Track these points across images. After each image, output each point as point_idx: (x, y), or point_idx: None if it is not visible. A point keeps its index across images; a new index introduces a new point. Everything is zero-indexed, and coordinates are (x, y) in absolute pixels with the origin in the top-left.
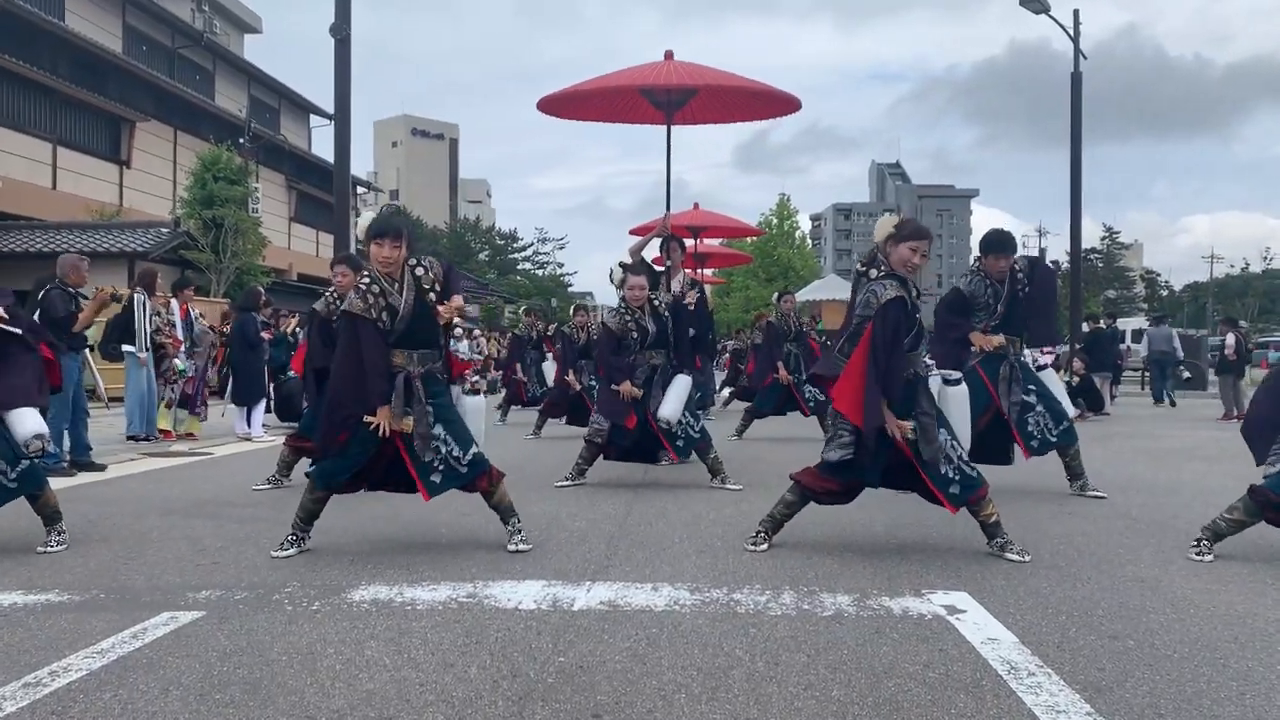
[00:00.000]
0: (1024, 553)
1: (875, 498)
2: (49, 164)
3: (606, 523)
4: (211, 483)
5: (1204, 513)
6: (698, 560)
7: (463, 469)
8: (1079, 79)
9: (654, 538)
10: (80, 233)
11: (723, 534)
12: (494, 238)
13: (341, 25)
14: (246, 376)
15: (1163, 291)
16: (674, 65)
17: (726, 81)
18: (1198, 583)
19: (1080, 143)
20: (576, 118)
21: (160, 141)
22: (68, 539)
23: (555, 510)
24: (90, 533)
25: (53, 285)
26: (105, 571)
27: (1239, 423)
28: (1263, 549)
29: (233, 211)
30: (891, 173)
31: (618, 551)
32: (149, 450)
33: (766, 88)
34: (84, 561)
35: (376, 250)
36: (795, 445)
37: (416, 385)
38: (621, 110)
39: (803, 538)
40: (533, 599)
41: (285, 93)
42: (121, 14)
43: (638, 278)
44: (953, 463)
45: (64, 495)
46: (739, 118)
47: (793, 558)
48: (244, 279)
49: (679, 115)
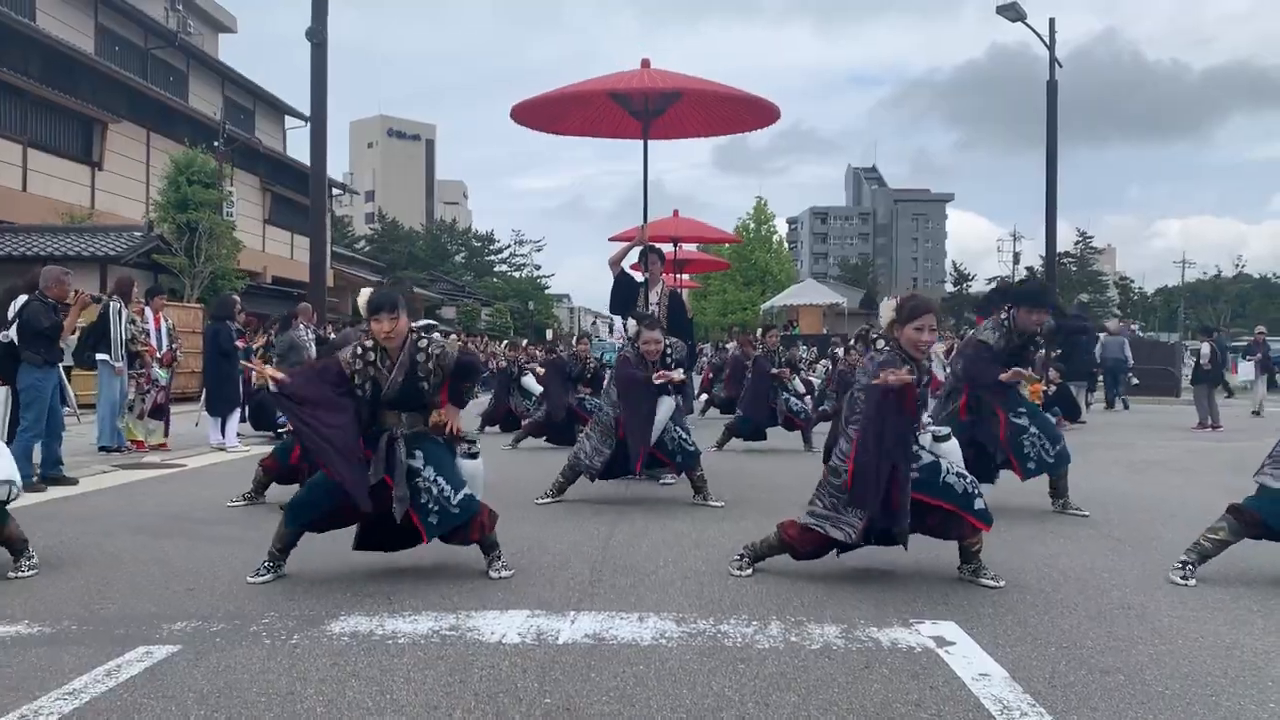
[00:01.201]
0: (997, 578)
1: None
2: (19, 166)
3: (589, 544)
4: (185, 497)
5: (1185, 532)
6: (683, 586)
7: (454, 509)
8: (1054, 87)
9: (637, 561)
10: (51, 236)
11: (706, 556)
12: (470, 240)
13: (318, 30)
14: (220, 386)
15: (1134, 296)
16: (650, 72)
17: (704, 87)
18: (1184, 610)
19: (1055, 150)
20: (552, 130)
21: (133, 143)
22: (38, 563)
23: (537, 532)
24: (62, 555)
25: (33, 297)
26: (77, 599)
27: (1213, 431)
28: (1245, 573)
29: (207, 215)
30: (868, 177)
31: (601, 578)
32: (121, 462)
33: (744, 94)
34: (55, 588)
35: (376, 326)
36: (776, 458)
37: (398, 447)
38: (598, 122)
39: (786, 561)
40: (517, 631)
41: (260, 94)
42: (94, 13)
43: (653, 333)
44: (967, 478)
45: (35, 513)
46: (718, 130)
47: (778, 584)
48: (218, 284)
49: (656, 127)
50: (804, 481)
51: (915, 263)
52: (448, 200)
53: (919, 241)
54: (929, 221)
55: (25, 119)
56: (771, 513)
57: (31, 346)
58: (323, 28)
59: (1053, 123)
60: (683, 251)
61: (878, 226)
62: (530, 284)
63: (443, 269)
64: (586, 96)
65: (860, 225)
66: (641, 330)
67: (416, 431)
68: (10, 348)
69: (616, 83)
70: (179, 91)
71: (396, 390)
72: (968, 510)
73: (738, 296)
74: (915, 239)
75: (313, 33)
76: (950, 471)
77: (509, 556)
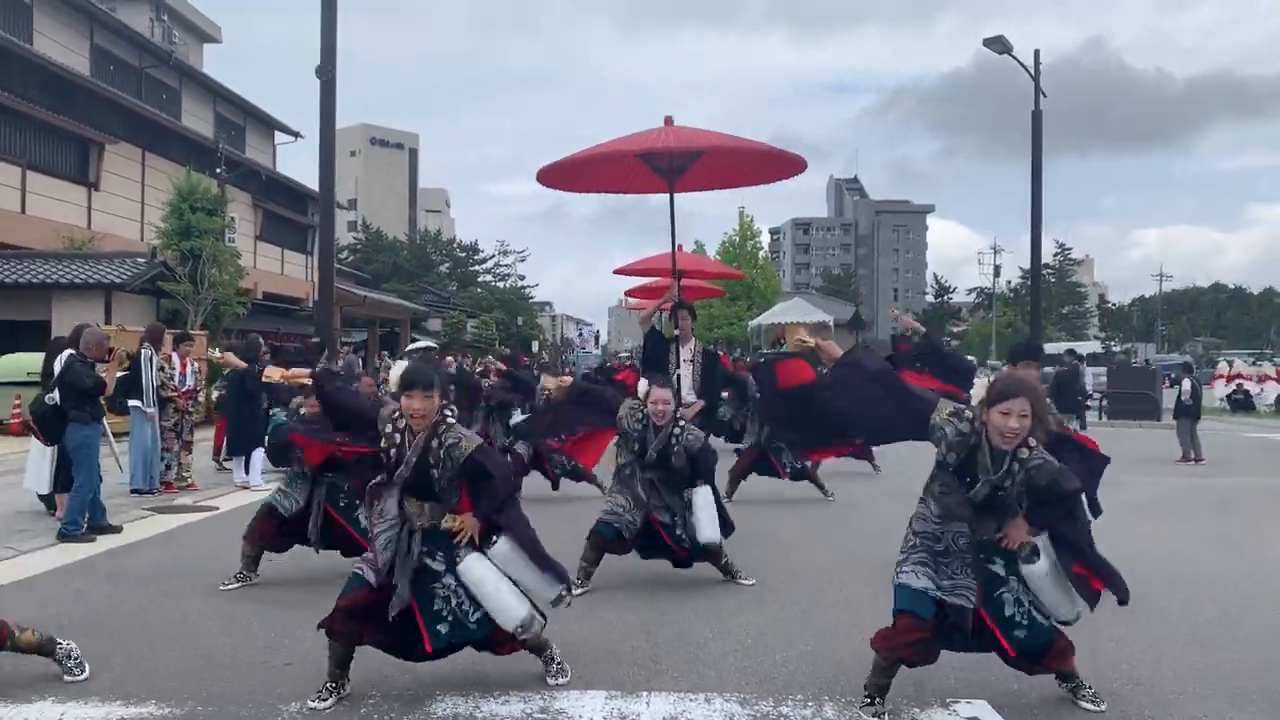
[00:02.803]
0: (1098, 699)
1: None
2: (18, 188)
3: (633, 615)
4: (232, 549)
5: (1184, 592)
6: (736, 662)
7: (471, 625)
8: (1039, 117)
9: (685, 630)
10: (56, 262)
11: (746, 624)
12: (455, 250)
13: (327, 67)
14: (243, 425)
15: (1110, 306)
16: (674, 130)
17: (728, 144)
18: (1193, 686)
19: (1040, 178)
20: (578, 189)
21: (129, 163)
22: (81, 660)
23: (578, 603)
24: (148, 621)
25: (73, 357)
26: (188, 674)
27: (1196, 465)
28: (1235, 640)
29: (211, 243)
30: (849, 188)
31: (659, 653)
32: (155, 505)
33: (769, 149)
34: (159, 661)
35: (407, 403)
36: (794, 509)
37: (413, 542)
38: (623, 180)
39: (831, 640)
40: (600, 714)
41: (251, 110)
42: (89, 34)
43: (663, 391)
44: (1023, 606)
45: (98, 570)
46: (743, 182)
47: (826, 664)
48: (221, 309)
49: (681, 182)
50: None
51: (896, 273)
52: (430, 208)
53: (900, 252)
54: (910, 233)
55: (25, 142)
56: (801, 579)
57: (78, 405)
58: (331, 65)
59: (1038, 149)
60: (684, 281)
61: (859, 237)
62: (515, 294)
63: (427, 279)
64: (612, 157)
65: (842, 236)
66: (652, 388)
67: (438, 527)
68: (57, 408)
69: (641, 143)
70: (172, 110)
71: (409, 472)
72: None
73: (724, 312)
74: (896, 249)
75: (322, 70)
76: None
77: (561, 628)
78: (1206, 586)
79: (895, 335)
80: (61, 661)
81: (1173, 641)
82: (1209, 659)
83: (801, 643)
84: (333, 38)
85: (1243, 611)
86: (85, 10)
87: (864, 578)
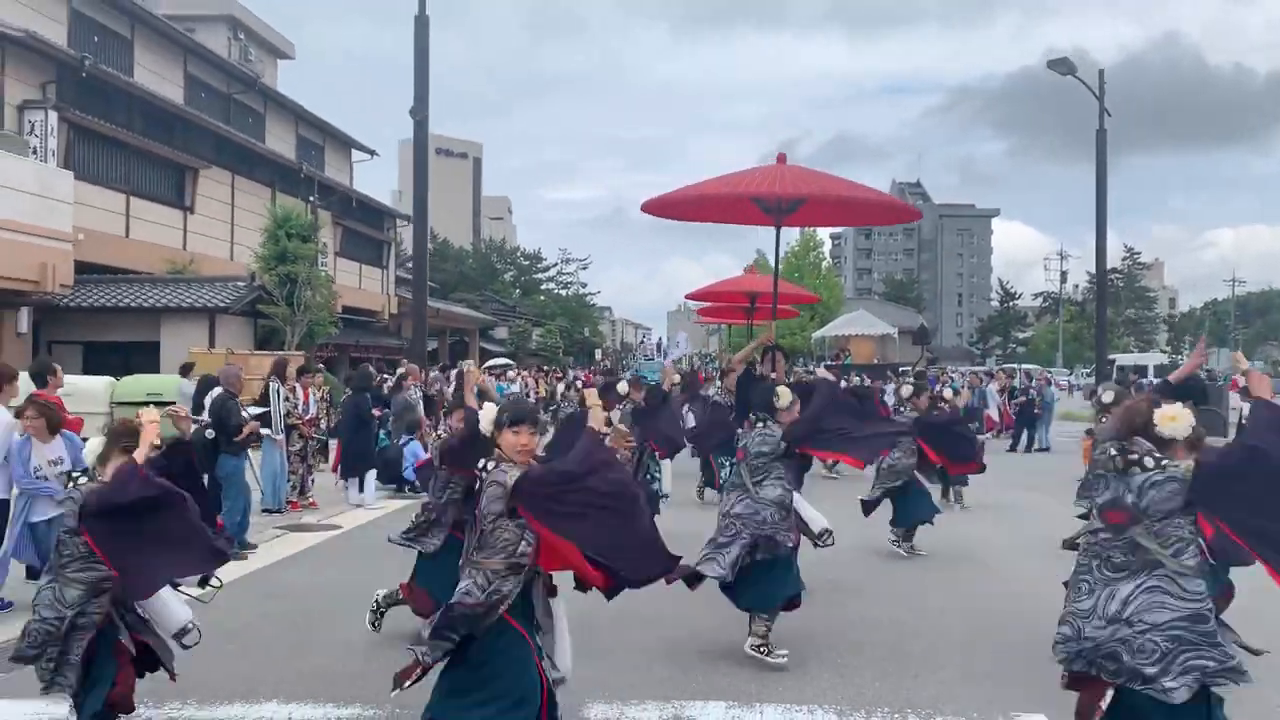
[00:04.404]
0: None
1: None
2: (123, 214)
3: (696, 621)
4: (371, 569)
5: None
6: (802, 673)
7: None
8: (1103, 136)
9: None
10: (162, 287)
11: (794, 634)
12: (519, 258)
13: (420, 108)
14: (356, 451)
15: (1173, 315)
16: (786, 171)
17: (840, 192)
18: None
19: (1105, 195)
20: (682, 218)
21: (220, 186)
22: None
23: (670, 608)
24: (330, 627)
25: (223, 393)
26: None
27: None
28: None
29: (305, 268)
30: (912, 192)
31: (732, 666)
32: (284, 524)
33: (881, 198)
34: (361, 666)
35: (515, 439)
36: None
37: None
38: (728, 212)
39: (906, 659)
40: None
41: (330, 130)
42: (183, 64)
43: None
44: None
45: (250, 585)
46: (851, 222)
47: (901, 680)
48: (314, 329)
49: (789, 219)
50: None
51: (960, 278)
52: (493, 216)
53: (964, 257)
54: (974, 237)
55: (128, 169)
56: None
57: (228, 439)
58: (425, 106)
59: (1102, 169)
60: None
61: (922, 242)
62: (577, 301)
63: (492, 288)
64: (724, 198)
65: (905, 241)
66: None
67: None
68: (212, 441)
69: (754, 185)
70: (257, 133)
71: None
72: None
73: (786, 322)
74: (960, 254)
75: (416, 110)
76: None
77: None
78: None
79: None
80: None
81: None
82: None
83: (885, 670)
84: (425, 84)
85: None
86: (179, 41)
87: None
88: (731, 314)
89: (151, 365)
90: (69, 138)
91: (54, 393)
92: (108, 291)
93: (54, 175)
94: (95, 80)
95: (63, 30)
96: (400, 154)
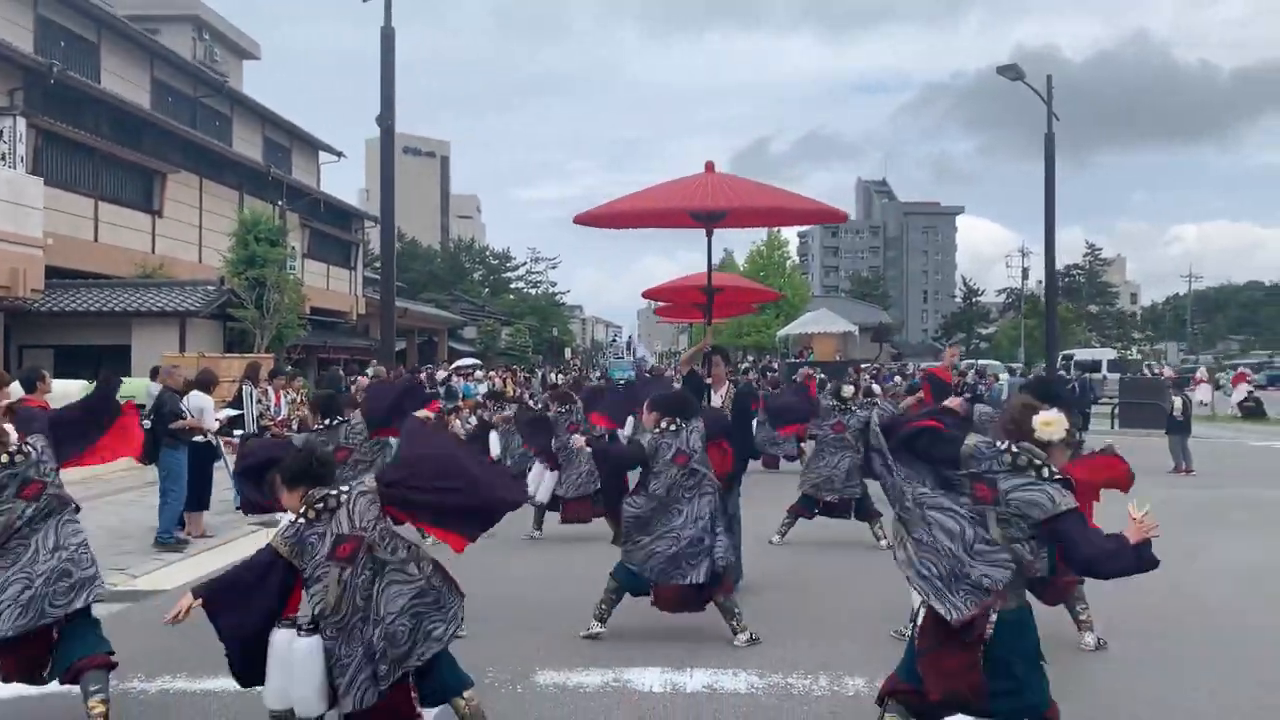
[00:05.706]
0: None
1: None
2: (91, 218)
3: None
4: None
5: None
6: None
7: None
8: (1052, 140)
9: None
10: (132, 291)
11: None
12: (488, 258)
13: (387, 115)
14: None
15: (1127, 310)
16: (714, 181)
17: (770, 202)
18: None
19: (1054, 200)
20: (613, 226)
21: (188, 190)
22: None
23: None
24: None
25: (162, 389)
26: None
27: (1187, 476)
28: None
29: (274, 272)
30: (877, 190)
31: (670, 635)
32: (260, 520)
33: (808, 207)
34: None
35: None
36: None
37: None
38: (659, 220)
39: (827, 625)
40: (657, 684)
41: (296, 132)
42: (149, 68)
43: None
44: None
45: None
46: (779, 223)
47: (816, 640)
48: (284, 332)
49: (719, 224)
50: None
51: (925, 275)
52: (461, 214)
53: (929, 254)
54: (939, 234)
55: (97, 175)
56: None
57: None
58: (391, 113)
59: (1050, 178)
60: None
61: (888, 240)
62: (547, 300)
63: (460, 287)
64: (653, 213)
65: (870, 239)
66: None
67: None
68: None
69: (683, 198)
70: (224, 136)
71: None
72: None
73: (752, 320)
74: (925, 251)
75: (382, 118)
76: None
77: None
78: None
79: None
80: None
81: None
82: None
83: (809, 637)
84: (391, 89)
85: (1167, 623)
86: (146, 46)
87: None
88: (689, 312)
89: (123, 369)
90: (37, 144)
91: (42, 398)
92: (78, 296)
93: (24, 181)
94: (63, 87)
95: (29, 36)
96: (367, 153)
